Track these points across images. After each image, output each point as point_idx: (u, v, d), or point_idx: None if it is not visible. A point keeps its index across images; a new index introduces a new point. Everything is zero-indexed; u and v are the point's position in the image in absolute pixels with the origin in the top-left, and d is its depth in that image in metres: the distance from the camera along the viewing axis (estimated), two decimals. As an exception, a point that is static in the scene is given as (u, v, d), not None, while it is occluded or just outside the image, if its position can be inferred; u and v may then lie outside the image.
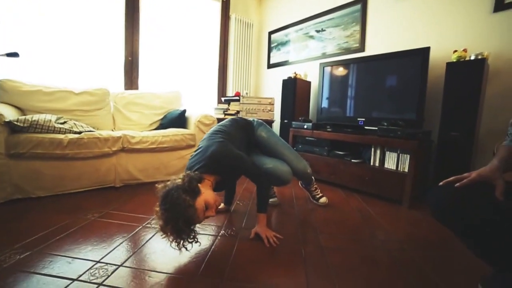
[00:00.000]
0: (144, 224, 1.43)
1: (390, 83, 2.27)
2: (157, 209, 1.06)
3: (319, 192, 1.85)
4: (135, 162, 2.14)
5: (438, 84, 2.07)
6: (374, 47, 2.67)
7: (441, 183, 0.91)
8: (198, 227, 1.22)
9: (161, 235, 1.06)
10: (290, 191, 2.15)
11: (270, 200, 1.81)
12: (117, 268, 1.01)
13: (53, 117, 1.88)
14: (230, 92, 3.76)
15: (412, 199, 1.87)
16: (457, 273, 1.11)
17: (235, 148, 1.31)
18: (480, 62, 1.74)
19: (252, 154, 1.59)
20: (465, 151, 1.77)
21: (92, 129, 2.04)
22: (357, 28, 2.82)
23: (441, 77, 1.99)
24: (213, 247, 1.23)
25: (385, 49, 2.49)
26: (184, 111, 2.65)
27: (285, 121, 3.08)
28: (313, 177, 1.81)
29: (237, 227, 1.45)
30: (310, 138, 2.56)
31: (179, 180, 1.10)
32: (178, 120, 2.56)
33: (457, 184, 0.85)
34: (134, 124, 2.59)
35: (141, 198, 1.87)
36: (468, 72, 1.78)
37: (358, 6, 2.80)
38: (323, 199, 1.82)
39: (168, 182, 1.11)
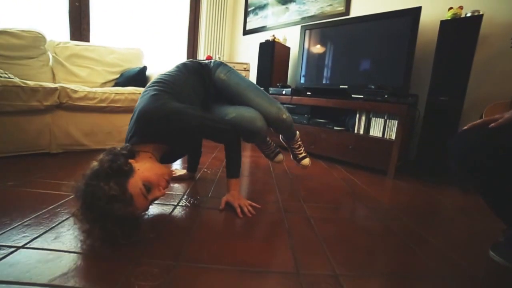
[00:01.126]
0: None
1: (376, 47, 2.08)
2: (76, 211, 0.73)
3: (302, 151, 1.52)
4: (79, 123, 1.73)
5: (429, 47, 1.91)
6: (360, 11, 2.44)
7: (465, 127, 0.75)
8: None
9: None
10: (265, 160, 1.90)
11: (275, 158, 1.50)
12: (15, 251, 0.69)
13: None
14: (202, 56, 3.35)
15: (397, 168, 1.74)
16: (462, 240, 0.96)
17: (178, 102, 0.95)
18: (476, 19, 1.59)
19: (215, 107, 1.21)
20: (453, 117, 1.65)
21: (12, 77, 1.57)
22: (343, -12, 2.57)
23: (432, 41, 1.83)
24: (167, 220, 0.94)
25: (370, 12, 2.28)
26: (145, 68, 2.24)
27: (262, 88, 2.79)
28: (297, 131, 1.46)
29: (202, 195, 1.17)
30: (289, 105, 2.31)
31: (96, 163, 0.77)
32: (137, 77, 2.15)
33: (492, 124, 0.68)
34: (82, 81, 2.13)
35: (83, 166, 1.50)
36: (462, 30, 1.62)
37: (345, -37, 2.52)
38: (306, 161, 1.51)
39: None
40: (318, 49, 2.48)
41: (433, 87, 1.72)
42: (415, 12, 1.81)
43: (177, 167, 1.60)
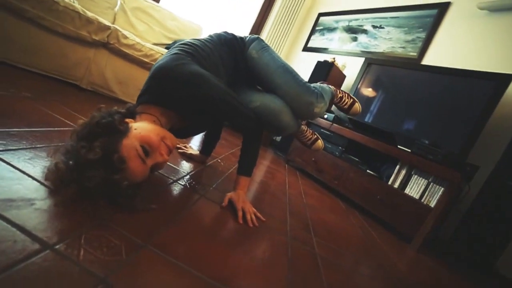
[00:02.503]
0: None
1: (442, 102, 1.86)
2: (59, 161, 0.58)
3: (312, 134, 1.27)
4: (117, 69, 1.69)
5: (508, 121, 1.67)
6: (434, 61, 2.25)
7: None
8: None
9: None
10: (282, 175, 1.73)
11: (313, 146, 1.25)
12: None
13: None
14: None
15: (424, 241, 1.48)
16: None
17: (200, 67, 0.81)
18: None
19: (242, 89, 1.04)
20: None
21: (76, 4, 1.57)
22: (422, 35, 2.40)
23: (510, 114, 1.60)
24: (157, 193, 0.80)
25: (445, 65, 2.08)
26: (198, 43, 2.19)
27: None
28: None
29: (205, 184, 1.02)
30: (326, 131, 2.14)
31: (81, 122, 0.64)
32: (187, 49, 2.10)
33: None
34: (136, 35, 2.12)
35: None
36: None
37: (434, 12, 2.37)
38: (319, 143, 1.25)
39: None
40: (375, 85, 2.30)
41: (502, 167, 1.46)
42: (505, 79, 1.59)
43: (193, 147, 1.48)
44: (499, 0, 1.92)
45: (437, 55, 2.24)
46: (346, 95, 1.22)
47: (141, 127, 0.69)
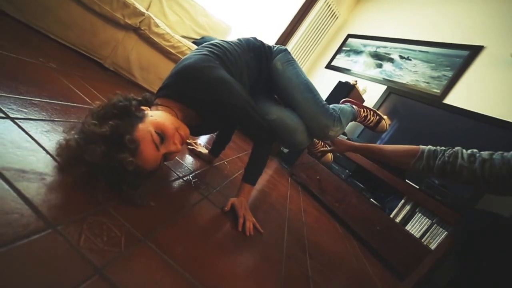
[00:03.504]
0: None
1: (457, 143, 1.81)
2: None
3: (323, 145, 1.27)
4: (142, 55, 1.71)
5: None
6: (457, 101, 2.21)
7: None
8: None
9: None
10: (285, 188, 1.71)
11: (322, 158, 1.27)
12: (2, 118, 0.58)
13: None
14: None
15: (418, 283, 1.43)
16: None
17: (226, 72, 0.82)
18: None
19: (261, 99, 1.03)
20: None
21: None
22: (449, 74, 2.37)
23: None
24: (163, 187, 0.80)
25: (468, 108, 2.04)
26: (225, 43, 2.21)
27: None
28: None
29: (210, 185, 1.02)
30: (336, 153, 2.11)
31: (98, 103, 0.64)
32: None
33: None
34: (167, 25, 2.15)
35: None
36: None
37: (465, 53, 2.34)
38: (329, 157, 1.28)
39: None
40: (391, 114, 2.28)
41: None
42: (525, 133, 1.55)
43: (202, 144, 1.48)
44: (533, 52, 1.89)
45: (461, 97, 2.21)
46: (372, 112, 1.20)
47: (157, 115, 0.69)
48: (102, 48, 1.59)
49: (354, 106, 1.18)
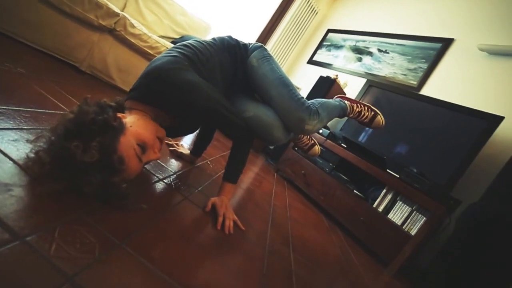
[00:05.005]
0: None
1: (434, 133, 1.90)
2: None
3: (309, 140, 1.32)
4: (119, 57, 1.67)
5: (493, 160, 1.72)
6: (432, 92, 2.30)
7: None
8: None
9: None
10: (270, 184, 1.73)
11: (309, 151, 1.32)
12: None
13: None
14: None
15: (401, 268, 1.49)
16: None
17: (197, 73, 0.80)
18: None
19: (238, 97, 1.02)
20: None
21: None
22: (425, 66, 2.46)
23: (500, 156, 1.64)
24: (141, 191, 0.79)
25: (442, 98, 2.13)
26: (205, 42, 2.20)
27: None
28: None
29: (191, 186, 1.02)
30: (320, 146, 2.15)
31: (71, 115, 0.59)
32: (193, 46, 2.10)
33: None
34: (145, 25, 2.11)
35: (98, 96, 1.41)
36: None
37: (438, 45, 2.43)
38: (316, 149, 1.32)
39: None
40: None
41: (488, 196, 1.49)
42: (494, 120, 1.63)
43: (185, 146, 1.47)
44: (498, 45, 1.99)
45: (436, 87, 2.30)
46: (366, 108, 1.20)
47: (136, 124, 0.68)
48: (77, 51, 1.54)
49: (346, 101, 1.18)
